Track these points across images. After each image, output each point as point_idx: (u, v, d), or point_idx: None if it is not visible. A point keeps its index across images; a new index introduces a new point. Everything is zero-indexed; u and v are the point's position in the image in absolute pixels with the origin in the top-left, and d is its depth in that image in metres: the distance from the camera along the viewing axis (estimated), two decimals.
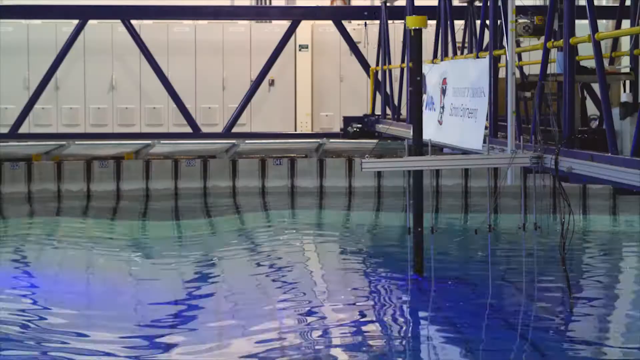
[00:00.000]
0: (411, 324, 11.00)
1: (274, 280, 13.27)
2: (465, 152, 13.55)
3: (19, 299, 12.09)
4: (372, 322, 10.99)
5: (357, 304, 11.81)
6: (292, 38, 23.57)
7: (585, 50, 11.87)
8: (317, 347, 9.96)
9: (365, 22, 23.79)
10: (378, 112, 22.20)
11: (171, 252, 15.43)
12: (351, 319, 11.06)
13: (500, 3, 12.63)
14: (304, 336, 10.32)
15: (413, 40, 12.73)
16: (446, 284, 12.40)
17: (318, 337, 10.32)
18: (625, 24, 14.08)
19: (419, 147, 12.39)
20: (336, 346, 10.02)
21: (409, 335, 10.57)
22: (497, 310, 11.48)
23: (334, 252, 15.79)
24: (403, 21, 20.09)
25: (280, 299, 12.10)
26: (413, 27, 12.59)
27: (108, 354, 9.66)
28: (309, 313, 11.34)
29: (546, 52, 11.52)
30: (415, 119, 12.62)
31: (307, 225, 18.54)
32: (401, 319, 11.21)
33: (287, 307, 11.61)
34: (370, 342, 10.14)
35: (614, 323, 11.16)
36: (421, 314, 11.42)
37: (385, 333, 10.58)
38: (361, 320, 11.01)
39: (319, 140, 23.49)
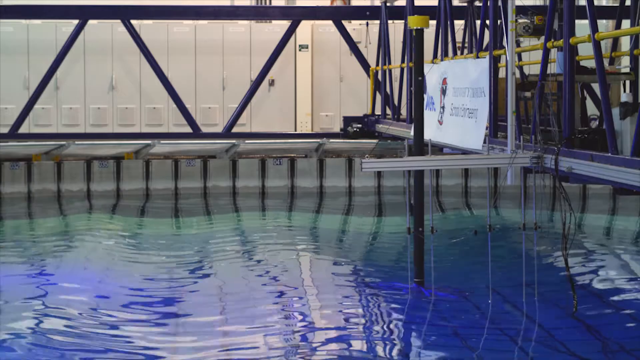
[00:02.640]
0: (409, 333, 10.94)
1: (266, 284, 13.19)
2: (465, 152, 13.54)
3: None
4: (367, 333, 10.90)
5: (355, 311, 11.76)
6: (292, 38, 23.59)
7: (585, 50, 11.87)
8: (310, 355, 9.92)
9: (367, 22, 23.84)
10: (378, 112, 22.22)
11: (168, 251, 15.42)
12: (346, 327, 10.98)
13: (500, 3, 12.64)
14: (297, 344, 10.26)
15: (415, 40, 12.71)
16: (446, 291, 12.33)
17: (312, 344, 10.27)
18: (625, 24, 14.08)
19: (420, 147, 12.36)
20: (330, 353, 9.99)
21: (406, 344, 10.52)
22: (496, 312, 11.45)
23: (334, 251, 15.76)
24: (403, 21, 20.18)
25: (273, 303, 12.03)
26: (415, 27, 12.56)
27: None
28: (303, 319, 11.30)
29: (546, 52, 11.51)
30: (417, 119, 12.59)
31: (306, 226, 18.49)
32: (399, 328, 11.14)
33: (280, 312, 11.56)
34: (363, 352, 10.11)
35: (620, 326, 11.10)
36: (420, 323, 11.35)
37: (381, 343, 10.52)
38: (356, 329, 10.94)
39: (319, 140, 23.51)
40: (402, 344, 10.33)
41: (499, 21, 12.71)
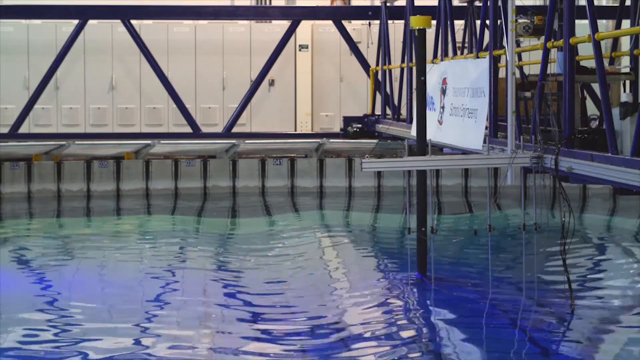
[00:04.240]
0: (411, 324, 10.99)
1: (272, 280, 13.24)
2: (465, 152, 13.54)
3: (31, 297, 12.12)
4: (371, 321, 10.96)
5: (358, 303, 11.80)
6: (292, 38, 23.59)
7: (585, 50, 11.87)
8: (315, 346, 9.95)
9: (370, 22, 23.87)
10: (378, 112, 22.22)
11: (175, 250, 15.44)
12: (352, 318, 11.04)
13: (500, 3, 12.64)
14: (301, 336, 10.30)
15: (417, 40, 12.71)
16: (447, 285, 12.37)
17: (317, 336, 10.31)
18: (625, 24, 14.08)
19: (422, 146, 12.35)
20: (336, 344, 10.02)
21: (410, 335, 10.56)
22: (498, 312, 11.47)
23: (334, 252, 15.78)
24: (403, 21, 20.19)
25: (279, 298, 12.07)
26: (417, 27, 12.56)
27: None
28: (310, 313, 11.33)
29: (546, 52, 11.52)
30: (420, 119, 12.59)
31: (309, 225, 18.51)
32: (402, 319, 11.18)
33: (286, 307, 11.59)
34: (369, 343, 10.14)
35: (615, 323, 11.13)
36: (422, 313, 11.41)
37: (386, 333, 10.56)
38: (361, 320, 10.99)
39: (319, 140, 23.52)
40: (406, 335, 10.37)
41: (499, 21, 12.72)
